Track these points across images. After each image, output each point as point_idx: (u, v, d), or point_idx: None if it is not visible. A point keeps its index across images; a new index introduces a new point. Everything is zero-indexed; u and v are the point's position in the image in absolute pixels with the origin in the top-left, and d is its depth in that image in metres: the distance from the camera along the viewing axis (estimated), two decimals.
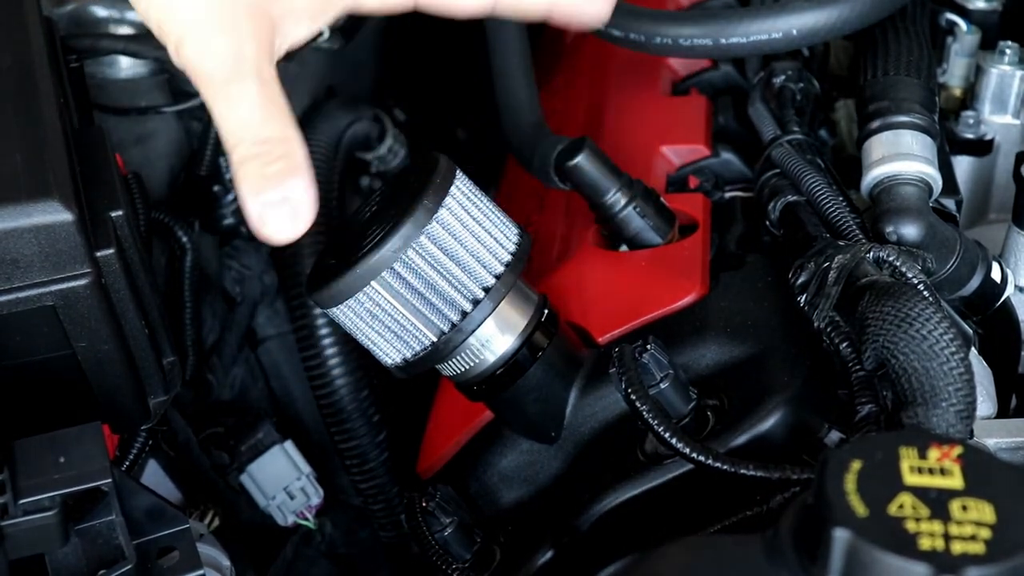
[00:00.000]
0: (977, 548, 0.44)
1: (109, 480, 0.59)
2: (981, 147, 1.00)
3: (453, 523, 0.75)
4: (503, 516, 0.78)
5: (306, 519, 1.01)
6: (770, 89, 0.92)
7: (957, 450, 0.48)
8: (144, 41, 1.01)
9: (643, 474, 0.71)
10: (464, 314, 0.70)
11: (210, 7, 0.62)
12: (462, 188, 0.71)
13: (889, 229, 0.77)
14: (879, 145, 0.83)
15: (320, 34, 1.08)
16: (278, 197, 0.62)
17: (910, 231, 0.77)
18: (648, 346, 0.69)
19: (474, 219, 0.70)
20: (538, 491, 0.77)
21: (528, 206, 1.00)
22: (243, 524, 1.01)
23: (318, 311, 0.95)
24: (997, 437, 0.70)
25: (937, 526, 0.44)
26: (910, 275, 0.70)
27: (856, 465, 0.47)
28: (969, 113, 1.00)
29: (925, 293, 0.68)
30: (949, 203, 0.87)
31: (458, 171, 0.71)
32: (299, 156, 0.63)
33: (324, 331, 0.97)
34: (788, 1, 0.85)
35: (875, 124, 0.84)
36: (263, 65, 0.63)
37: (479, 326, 0.71)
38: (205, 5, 0.62)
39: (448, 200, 0.69)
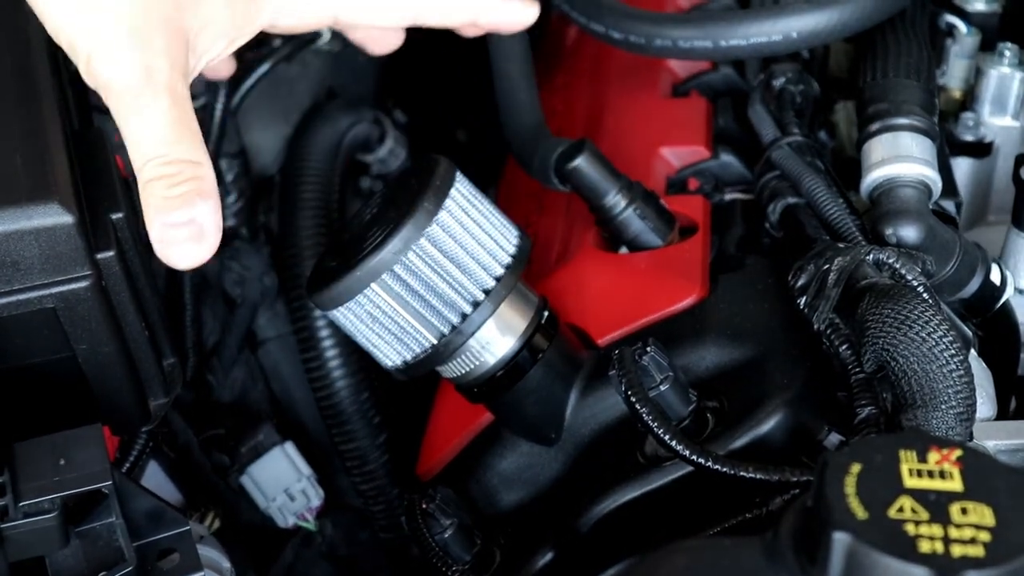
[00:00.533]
0: (977, 551, 0.44)
1: (109, 482, 0.60)
2: (981, 149, 1.00)
3: (453, 525, 0.75)
4: (503, 518, 0.78)
5: (306, 521, 1.01)
6: (770, 91, 0.93)
7: (957, 453, 0.48)
8: None
9: (643, 476, 0.71)
10: (464, 316, 0.70)
11: (119, 21, 0.59)
12: (462, 190, 0.71)
13: (889, 231, 0.77)
14: (879, 147, 0.83)
15: (319, 35, 1.08)
16: (184, 218, 0.61)
17: (910, 233, 0.77)
18: (648, 348, 0.69)
19: (474, 221, 0.70)
20: (538, 493, 0.78)
21: (528, 208, 1.00)
22: (243, 526, 1.01)
23: (318, 313, 0.95)
24: (997, 439, 0.70)
25: (937, 529, 0.44)
26: (910, 277, 0.70)
27: (856, 468, 0.47)
28: (969, 115, 1.00)
29: (925, 295, 0.68)
30: (949, 205, 0.87)
31: (458, 173, 0.71)
32: (208, 181, 0.61)
33: (324, 333, 0.97)
34: (788, 3, 0.85)
35: (875, 126, 0.84)
36: (176, 82, 0.60)
37: (479, 328, 0.71)
38: (114, 19, 0.59)
39: (448, 202, 0.69)
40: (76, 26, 0.60)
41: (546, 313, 0.75)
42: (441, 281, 0.69)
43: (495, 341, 0.73)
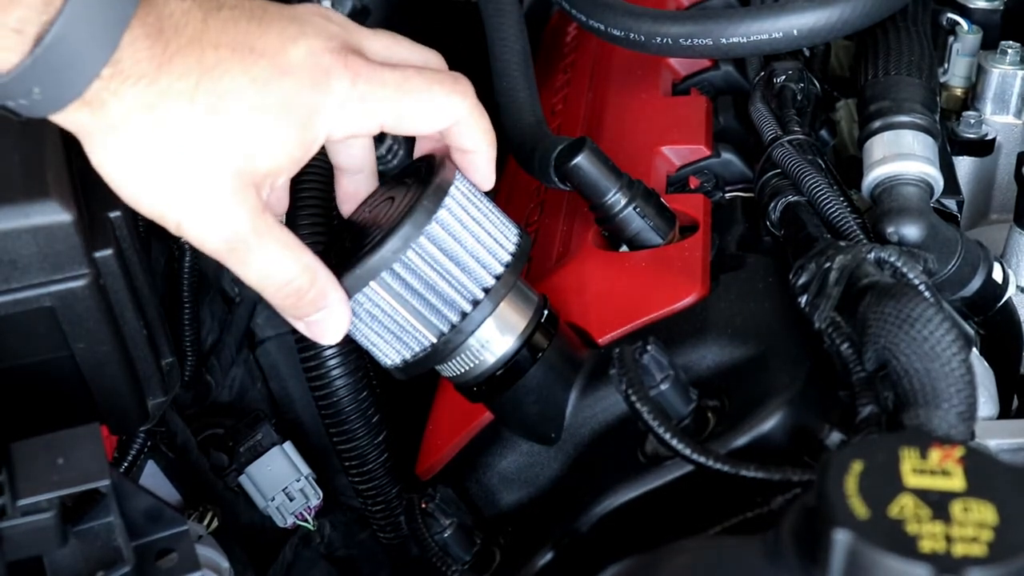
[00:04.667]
0: (979, 550, 0.43)
1: (107, 482, 0.59)
2: (982, 147, 1.00)
3: (453, 524, 0.75)
4: (503, 517, 0.78)
5: (305, 520, 1.01)
6: (771, 89, 0.92)
7: (959, 451, 0.47)
8: None
9: (643, 475, 0.71)
10: (464, 315, 0.70)
11: (192, 196, 0.62)
12: (461, 188, 0.70)
13: (890, 229, 0.77)
14: (880, 145, 0.83)
15: None
16: (317, 318, 0.67)
17: (911, 231, 0.76)
18: (648, 347, 0.68)
19: (474, 219, 0.70)
20: (538, 492, 0.77)
21: (528, 206, 1.00)
22: (242, 525, 1.01)
23: None
24: (999, 438, 0.70)
25: (938, 527, 0.44)
26: (911, 276, 0.69)
27: (857, 466, 0.46)
28: (971, 113, 1.00)
29: (926, 294, 0.67)
30: (950, 203, 0.87)
31: (458, 171, 0.71)
32: (322, 280, 0.66)
33: None
34: (789, 1, 0.85)
35: (876, 124, 0.84)
36: (257, 223, 0.63)
37: (479, 327, 0.70)
38: (186, 196, 0.61)
39: (448, 200, 0.69)
40: (154, 200, 0.62)
41: (546, 312, 0.75)
42: (441, 279, 0.69)
43: (495, 340, 0.72)
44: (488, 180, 0.73)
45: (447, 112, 0.68)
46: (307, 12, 0.66)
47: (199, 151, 0.60)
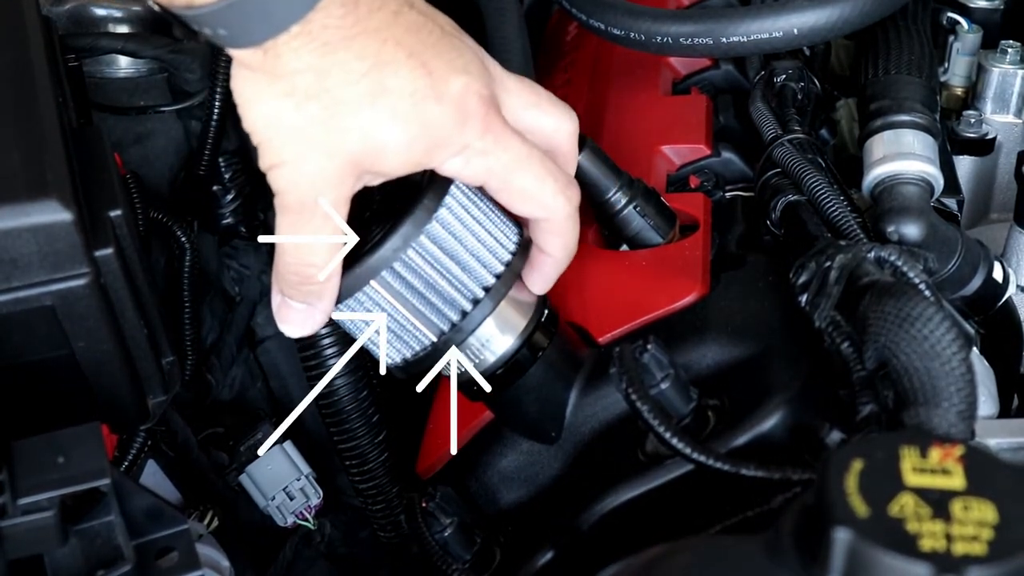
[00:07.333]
0: (979, 548, 0.43)
1: (108, 480, 0.59)
2: (983, 146, 1.00)
3: (453, 523, 0.75)
4: (503, 516, 0.78)
5: (306, 519, 1.01)
6: (771, 88, 0.92)
7: (959, 450, 0.47)
8: (143, 40, 1.00)
9: (644, 474, 0.71)
10: (464, 314, 0.70)
11: (305, 155, 0.63)
12: (462, 187, 0.70)
13: (890, 229, 0.77)
14: (880, 144, 0.83)
15: None
16: (296, 306, 0.69)
17: (911, 231, 0.76)
18: (648, 346, 0.69)
19: (474, 218, 0.70)
20: (538, 491, 0.77)
21: None
22: (242, 525, 1.01)
23: None
24: (999, 437, 0.70)
25: (939, 526, 0.44)
26: (912, 275, 0.69)
27: (857, 465, 0.46)
28: (971, 112, 1.00)
29: (927, 293, 0.67)
30: (951, 202, 0.87)
31: None
32: (330, 286, 0.67)
33: (323, 331, 0.96)
34: (789, 0, 0.85)
35: (876, 123, 0.84)
36: (335, 204, 0.65)
37: (479, 326, 0.70)
38: (300, 152, 0.63)
39: (448, 199, 0.69)
40: (268, 140, 0.64)
41: (546, 311, 0.75)
42: (441, 278, 0.69)
43: (495, 339, 0.72)
44: (542, 286, 0.74)
45: (546, 208, 0.70)
46: (473, 49, 0.68)
47: (337, 125, 0.62)
